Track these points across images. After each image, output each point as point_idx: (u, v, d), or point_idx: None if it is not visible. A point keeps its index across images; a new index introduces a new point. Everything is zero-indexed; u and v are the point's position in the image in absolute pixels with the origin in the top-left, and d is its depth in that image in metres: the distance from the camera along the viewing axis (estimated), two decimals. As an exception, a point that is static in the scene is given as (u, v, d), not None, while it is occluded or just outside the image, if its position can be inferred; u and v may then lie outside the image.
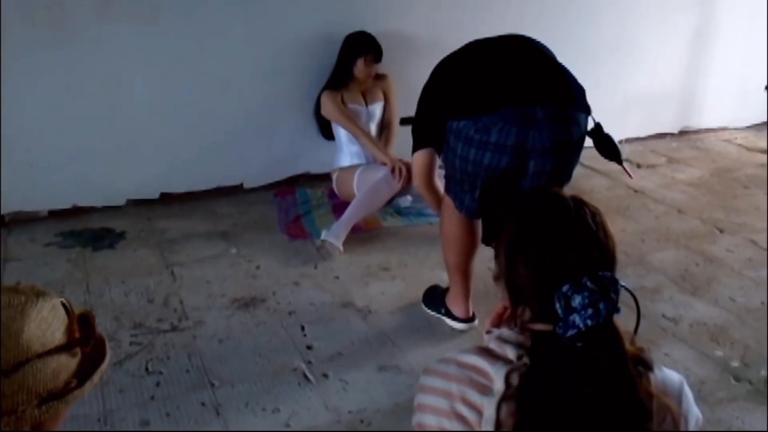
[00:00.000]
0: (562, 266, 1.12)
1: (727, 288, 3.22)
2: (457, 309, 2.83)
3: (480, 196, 2.45)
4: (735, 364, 2.67)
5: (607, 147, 2.54)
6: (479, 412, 1.11)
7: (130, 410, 2.35)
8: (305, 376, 2.54)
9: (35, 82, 3.51)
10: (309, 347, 2.72)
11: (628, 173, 2.68)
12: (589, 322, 1.06)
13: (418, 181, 2.85)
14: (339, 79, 3.89)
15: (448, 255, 2.79)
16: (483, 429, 1.10)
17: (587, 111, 2.43)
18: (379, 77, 4.00)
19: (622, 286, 1.49)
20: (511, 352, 1.13)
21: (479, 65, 2.49)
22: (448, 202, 2.66)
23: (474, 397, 1.12)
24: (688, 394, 1.17)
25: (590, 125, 2.48)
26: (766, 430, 2.33)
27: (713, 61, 5.35)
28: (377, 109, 3.99)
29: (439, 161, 2.72)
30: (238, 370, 2.57)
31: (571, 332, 1.07)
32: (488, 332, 1.19)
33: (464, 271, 2.77)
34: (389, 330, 2.84)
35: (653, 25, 5.00)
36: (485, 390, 1.11)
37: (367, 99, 3.95)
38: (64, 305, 1.08)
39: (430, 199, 2.95)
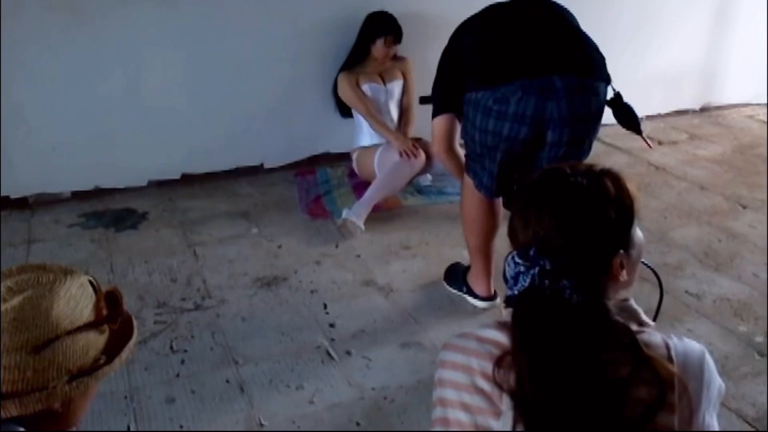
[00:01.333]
0: (514, 237, 1.20)
1: (750, 264, 3.20)
2: (478, 288, 2.83)
3: (500, 167, 2.45)
4: (759, 339, 2.66)
5: (627, 116, 2.51)
6: (500, 386, 1.11)
7: (156, 388, 2.39)
8: (328, 354, 2.56)
9: (56, 65, 3.53)
10: (331, 325, 2.74)
11: (648, 143, 2.64)
12: (508, 292, 1.16)
13: (437, 147, 2.76)
14: (356, 59, 3.88)
15: (469, 236, 2.79)
16: (503, 403, 1.10)
17: (607, 80, 2.40)
18: (398, 59, 3.98)
19: (643, 263, 1.50)
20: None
21: (497, 32, 2.45)
22: (468, 182, 2.65)
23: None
24: (710, 363, 1.16)
25: (610, 94, 2.45)
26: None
27: (735, 36, 5.26)
28: (396, 87, 3.97)
29: (458, 130, 2.67)
30: (261, 348, 2.59)
31: (509, 294, 1.16)
32: (507, 306, 1.20)
33: (485, 251, 2.77)
34: (411, 308, 2.86)
35: (673, 2, 4.92)
36: None
37: (385, 78, 3.93)
38: (91, 283, 1.10)
39: (451, 166, 2.87)
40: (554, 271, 1.10)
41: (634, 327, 1.14)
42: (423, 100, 4.04)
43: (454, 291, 2.92)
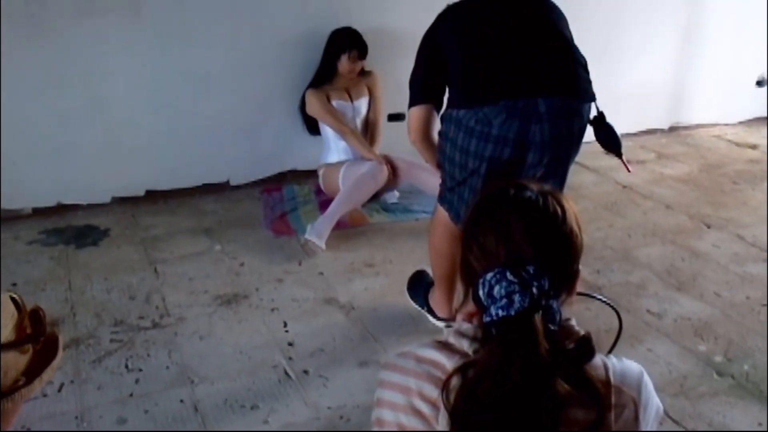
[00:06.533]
0: (492, 254, 1.10)
1: (713, 283, 3.21)
2: (441, 311, 2.79)
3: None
4: (718, 359, 2.66)
5: (608, 138, 2.46)
6: (436, 407, 1.09)
7: (108, 408, 2.34)
8: (285, 373, 2.53)
9: (16, 78, 3.49)
10: (290, 344, 2.70)
11: (627, 167, 2.59)
12: (500, 312, 1.05)
13: (414, 136, 2.61)
14: (324, 76, 3.88)
15: (436, 266, 2.74)
16: (439, 424, 1.08)
17: (591, 99, 2.36)
18: (365, 73, 3.98)
19: (599, 299, 1.48)
20: (468, 346, 1.12)
21: (482, 40, 2.34)
22: (441, 215, 2.59)
23: (431, 391, 1.10)
24: (648, 383, 1.15)
25: (594, 112, 2.41)
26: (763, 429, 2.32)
27: (703, 56, 5.33)
28: (363, 104, 3.97)
29: (436, 116, 2.55)
30: (218, 367, 2.55)
31: (487, 320, 1.06)
32: (447, 326, 1.18)
33: (451, 280, 2.70)
34: (371, 326, 2.83)
35: (643, 21, 4.98)
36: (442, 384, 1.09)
37: (352, 95, 3.93)
38: (14, 301, 1.06)
39: (427, 155, 2.69)
40: (548, 290, 1.07)
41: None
42: (391, 118, 4.07)
43: (416, 306, 2.89)
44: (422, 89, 2.53)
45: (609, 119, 2.49)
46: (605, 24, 4.82)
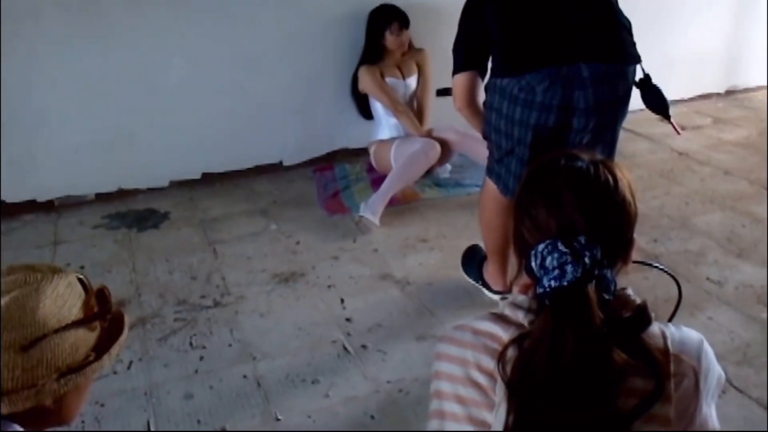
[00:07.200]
0: (544, 226, 1.11)
1: (775, 249, 3.14)
2: (494, 283, 2.81)
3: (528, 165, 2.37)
4: (781, 326, 2.62)
5: (656, 100, 2.44)
6: (493, 379, 1.11)
7: (175, 384, 2.42)
8: (344, 348, 2.58)
9: (74, 69, 3.59)
10: (348, 320, 2.75)
11: (676, 129, 2.56)
12: (553, 283, 1.05)
13: (459, 102, 2.62)
14: (373, 54, 3.88)
15: (488, 240, 2.75)
16: (497, 395, 1.10)
17: (635, 61, 2.33)
18: (415, 51, 3.98)
19: (657, 266, 1.46)
20: (523, 317, 1.13)
21: (524, 7, 2.34)
22: (490, 187, 2.60)
23: (488, 363, 1.11)
24: (709, 351, 1.14)
25: (639, 75, 2.38)
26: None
27: (758, 16, 5.15)
28: (413, 81, 3.97)
29: (481, 83, 2.56)
30: (278, 344, 2.62)
31: (540, 291, 1.07)
32: (503, 298, 1.20)
33: (504, 253, 2.71)
34: (427, 300, 2.86)
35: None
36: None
37: (404, 72, 3.93)
38: (81, 281, 1.12)
39: (473, 121, 2.70)
40: (601, 260, 1.07)
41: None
42: (440, 93, 4.05)
43: (471, 281, 2.91)
44: (466, 56, 2.54)
45: (663, 85, 2.45)
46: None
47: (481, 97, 2.55)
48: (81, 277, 1.12)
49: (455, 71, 2.57)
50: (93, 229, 3.57)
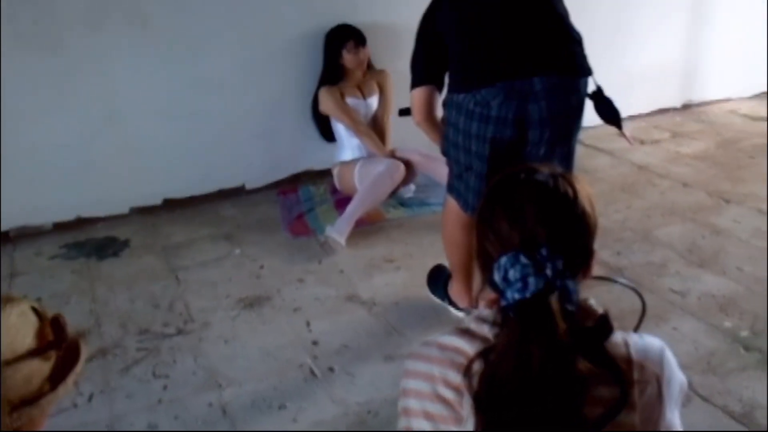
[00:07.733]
0: (506, 239, 1.10)
1: (735, 258, 3.18)
2: (460, 301, 2.80)
3: (486, 180, 2.39)
4: (744, 333, 2.64)
5: (608, 111, 2.48)
6: (460, 393, 1.10)
7: (138, 415, 2.36)
8: (311, 371, 2.54)
9: (32, 95, 3.53)
10: (315, 342, 2.72)
11: (628, 140, 2.63)
12: (517, 295, 1.05)
13: (418, 117, 2.68)
14: (332, 74, 3.88)
15: (452, 256, 2.76)
16: (464, 409, 1.09)
17: (587, 73, 2.38)
18: (376, 71, 3.99)
19: (620, 282, 1.47)
20: (488, 331, 1.12)
21: (478, 21, 2.35)
22: (451, 205, 2.61)
23: (455, 378, 1.11)
24: (671, 358, 1.15)
25: (592, 87, 2.42)
26: None
27: (713, 31, 5.28)
28: (375, 102, 3.98)
29: (439, 98, 2.60)
30: (244, 370, 2.57)
31: (504, 304, 1.07)
32: (467, 313, 1.19)
33: (468, 269, 2.71)
34: (394, 320, 2.84)
35: (651, 1, 4.94)
36: None
37: (364, 92, 3.94)
38: (35, 310, 1.08)
39: (432, 135, 2.75)
40: (563, 271, 1.06)
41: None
42: (402, 113, 4.06)
43: (437, 300, 2.90)
44: (423, 70, 2.61)
45: (622, 101, 2.50)
46: (615, 5, 4.79)
47: (440, 112, 2.57)
48: (35, 305, 1.08)
49: (413, 86, 2.63)
50: (50, 259, 3.49)
